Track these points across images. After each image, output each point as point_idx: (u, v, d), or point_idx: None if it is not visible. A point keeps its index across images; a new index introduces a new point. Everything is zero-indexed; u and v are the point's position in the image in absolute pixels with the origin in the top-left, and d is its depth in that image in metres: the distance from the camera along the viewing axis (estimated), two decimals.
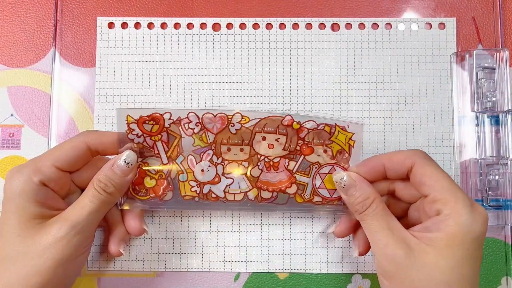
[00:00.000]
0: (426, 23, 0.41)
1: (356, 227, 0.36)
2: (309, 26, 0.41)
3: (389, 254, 0.31)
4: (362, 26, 0.41)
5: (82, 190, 0.34)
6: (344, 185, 0.34)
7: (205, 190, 0.35)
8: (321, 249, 0.39)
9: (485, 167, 0.38)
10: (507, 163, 0.38)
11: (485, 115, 0.39)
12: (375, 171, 0.34)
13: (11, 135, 0.40)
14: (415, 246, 0.30)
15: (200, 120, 0.35)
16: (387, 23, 0.41)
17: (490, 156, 0.39)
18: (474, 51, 0.39)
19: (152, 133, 0.35)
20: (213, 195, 0.35)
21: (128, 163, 0.33)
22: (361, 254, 0.36)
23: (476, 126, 0.39)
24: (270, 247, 0.39)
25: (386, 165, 0.33)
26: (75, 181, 0.35)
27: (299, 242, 0.39)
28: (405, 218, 0.35)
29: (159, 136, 0.35)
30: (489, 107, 0.39)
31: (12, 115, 0.41)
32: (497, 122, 0.39)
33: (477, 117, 0.39)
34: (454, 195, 0.30)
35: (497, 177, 0.38)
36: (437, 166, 0.32)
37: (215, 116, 0.35)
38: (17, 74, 0.41)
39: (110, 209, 0.35)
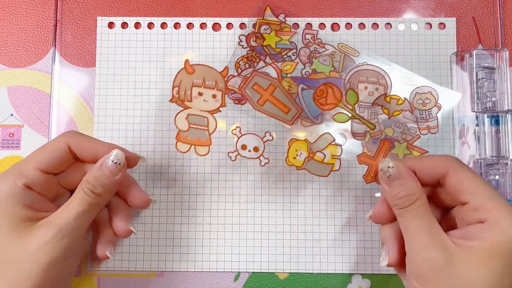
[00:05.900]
0: (426, 23, 0.41)
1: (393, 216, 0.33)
2: (309, 26, 0.41)
3: (426, 257, 0.29)
4: (362, 26, 0.41)
5: (71, 192, 0.34)
6: (390, 175, 0.31)
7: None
8: (321, 249, 0.39)
9: (485, 167, 0.38)
10: (507, 163, 0.38)
11: (485, 115, 0.39)
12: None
13: (11, 135, 0.40)
14: (455, 253, 0.29)
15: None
16: (387, 23, 0.41)
17: (490, 156, 0.39)
18: (474, 51, 0.39)
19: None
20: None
21: (116, 163, 0.33)
22: (390, 264, 0.32)
23: (476, 126, 0.39)
24: (270, 247, 0.39)
25: (416, 169, 0.32)
26: (63, 184, 0.35)
27: (299, 242, 0.39)
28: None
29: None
30: (489, 107, 0.39)
31: (12, 115, 0.41)
32: (497, 122, 0.39)
33: (477, 117, 0.39)
34: (497, 203, 0.29)
35: (497, 177, 0.38)
36: (474, 172, 0.31)
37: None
38: (17, 74, 0.41)
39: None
